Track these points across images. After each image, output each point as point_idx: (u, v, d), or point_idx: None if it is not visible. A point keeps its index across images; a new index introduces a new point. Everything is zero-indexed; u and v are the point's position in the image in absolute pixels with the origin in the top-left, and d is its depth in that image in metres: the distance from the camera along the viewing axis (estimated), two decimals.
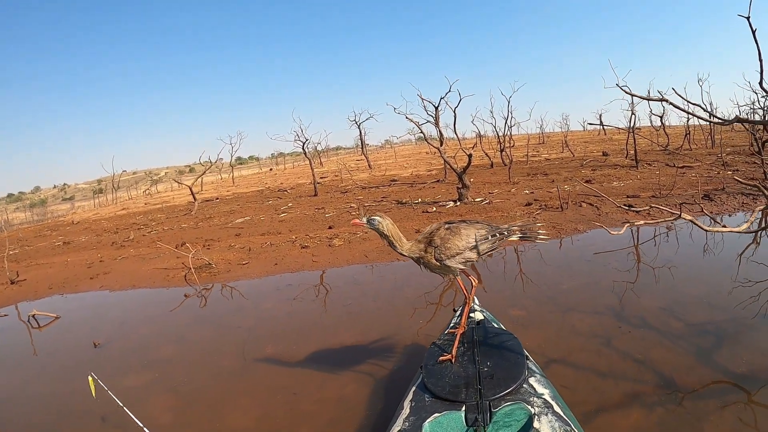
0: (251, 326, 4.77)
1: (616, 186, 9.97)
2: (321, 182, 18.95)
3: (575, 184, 10.51)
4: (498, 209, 8.84)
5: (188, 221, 12.77)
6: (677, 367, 3.13)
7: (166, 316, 5.62)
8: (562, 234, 6.95)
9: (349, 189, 15.13)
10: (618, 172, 12.17)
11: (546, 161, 17.14)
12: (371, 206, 10.83)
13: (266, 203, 14.36)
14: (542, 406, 2.07)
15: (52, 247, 12.17)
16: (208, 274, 7.02)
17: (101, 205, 27.68)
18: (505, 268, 5.78)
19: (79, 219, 19.07)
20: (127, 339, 5.08)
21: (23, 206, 42.28)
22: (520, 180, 12.46)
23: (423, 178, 16.00)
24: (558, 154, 19.56)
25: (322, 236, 8.22)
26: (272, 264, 7.01)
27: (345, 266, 6.53)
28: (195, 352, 4.39)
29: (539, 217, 7.89)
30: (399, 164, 24.10)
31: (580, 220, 7.53)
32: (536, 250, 6.36)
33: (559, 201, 8.42)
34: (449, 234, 2.61)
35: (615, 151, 17.65)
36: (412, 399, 2.27)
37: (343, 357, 3.81)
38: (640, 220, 5.55)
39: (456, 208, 9.47)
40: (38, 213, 31.39)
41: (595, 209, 8.16)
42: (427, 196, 11.39)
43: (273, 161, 53.98)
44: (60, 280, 8.30)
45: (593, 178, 11.35)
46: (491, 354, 2.52)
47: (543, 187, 10.95)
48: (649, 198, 8.51)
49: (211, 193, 22.02)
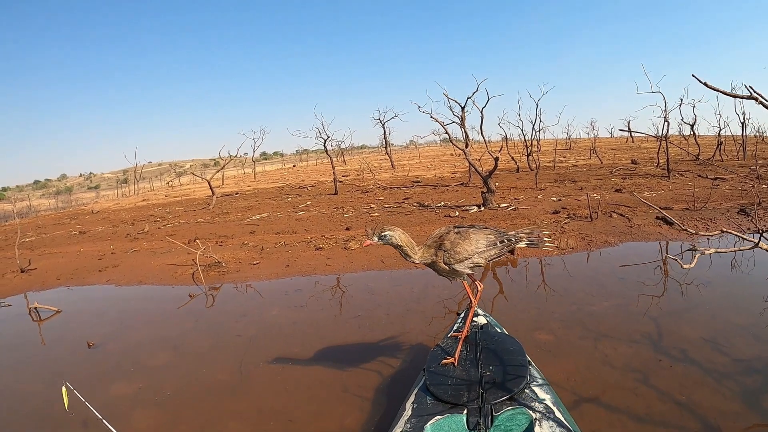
0: (253, 336, 4.36)
1: (648, 196, 9.26)
2: (342, 181, 18.59)
3: (605, 193, 9.83)
4: (524, 216, 8.28)
5: (205, 216, 12.55)
6: (724, 412, 2.63)
7: (167, 317, 5.28)
8: (592, 247, 6.36)
9: (371, 189, 14.70)
10: (649, 181, 11.39)
11: (573, 167, 16.37)
12: (392, 208, 10.37)
13: (285, 200, 14.05)
14: (543, 411, 2.07)
15: (69, 236, 12.10)
16: (216, 273, 6.67)
17: (124, 195, 27.95)
18: (529, 283, 5.22)
19: (99, 208, 19.16)
20: (123, 341, 4.76)
21: (48, 193, 43.23)
22: (547, 186, 11.81)
23: (446, 180, 15.46)
24: (585, 161, 18.74)
25: (339, 238, 7.80)
26: (284, 266, 6.61)
27: (359, 272, 6.08)
28: (189, 362, 4.01)
29: (567, 226, 7.31)
30: (423, 165, 23.56)
31: (611, 232, 6.92)
32: (564, 263, 5.79)
33: (588, 210, 7.81)
34: (459, 238, 2.63)
35: (644, 159, 16.78)
36: (414, 401, 2.28)
37: (348, 379, 3.36)
38: (710, 248, 4.93)
39: (480, 213, 8.94)
40: (63, 200, 31.92)
41: (626, 221, 7.52)
42: (450, 200, 10.87)
43: (297, 158, 53.94)
44: (69, 271, 8.12)
45: (623, 187, 10.62)
46: (494, 358, 2.51)
47: (571, 194, 10.29)
48: (683, 210, 7.84)
49: (231, 187, 21.90)
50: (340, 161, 35.07)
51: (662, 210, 8.05)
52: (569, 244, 6.50)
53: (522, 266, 5.82)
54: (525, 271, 5.63)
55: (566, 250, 6.29)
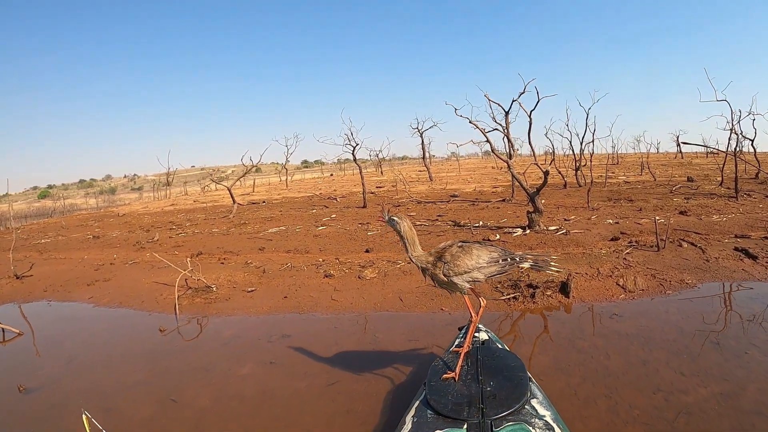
0: (204, 408, 3.16)
1: (718, 221, 7.54)
2: (375, 192, 17.47)
3: (668, 215, 8.15)
4: (578, 243, 6.79)
5: (222, 225, 11.67)
6: None
7: (123, 360, 4.22)
8: (666, 289, 4.85)
9: (403, 202, 13.46)
10: (716, 202, 9.53)
11: (626, 184, 14.53)
12: (423, 227, 9.08)
13: (309, 212, 13.02)
14: (543, 428, 2.03)
15: (82, 240, 11.54)
16: (203, 300, 5.61)
17: (156, 199, 27.94)
18: (592, 349, 3.68)
19: (127, 211, 18.86)
20: (60, 388, 3.79)
21: (90, 193, 44.50)
22: (600, 206, 10.15)
23: (487, 195, 14.00)
24: (636, 177, 16.77)
25: (355, 262, 6.59)
26: (281, 296, 5.45)
27: (370, 312, 4.82)
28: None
29: (630, 258, 5.80)
30: (462, 178, 22.10)
31: (684, 268, 5.36)
32: (635, 315, 4.27)
33: (656, 238, 6.25)
34: (461, 252, 2.64)
35: (699, 176, 14.73)
36: (414, 415, 2.24)
37: None
38: None
39: (525, 237, 7.51)
40: (105, 200, 32.46)
41: (699, 252, 5.92)
42: (490, 218, 9.46)
43: (338, 166, 53.41)
44: (61, 282, 7.40)
45: (688, 208, 8.87)
46: (494, 374, 2.46)
47: (629, 216, 8.64)
48: (762, 239, 6.18)
49: (261, 195, 21.24)
50: (377, 172, 34.09)
51: (738, 238, 6.51)
52: (638, 284, 5.01)
53: (579, 315, 4.35)
54: (583, 324, 4.14)
55: (635, 293, 4.82)
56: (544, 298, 4.75)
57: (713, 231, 6.90)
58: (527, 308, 4.61)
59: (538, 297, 4.74)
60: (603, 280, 5.07)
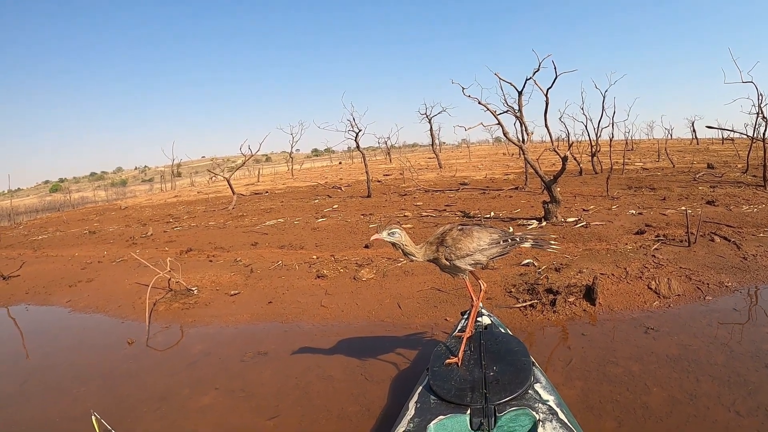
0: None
1: (749, 212, 6.75)
2: (382, 181, 16.82)
3: (697, 207, 7.34)
4: (600, 237, 6.09)
5: (219, 218, 11.16)
6: None
7: (76, 383, 3.67)
8: (705, 293, 4.16)
9: (410, 191, 12.79)
10: (743, 191, 8.66)
11: (644, 171, 13.64)
12: (429, 218, 8.43)
13: (311, 202, 12.44)
14: (547, 412, 1.99)
15: (78, 235, 11.15)
16: (181, 305, 5.08)
17: (163, 191, 27.62)
18: (627, 376, 3.00)
19: (128, 205, 18.49)
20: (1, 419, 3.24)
21: (101, 185, 44.58)
22: (620, 194, 9.37)
23: (498, 183, 13.26)
24: (653, 164, 15.81)
25: (352, 260, 6.00)
26: (266, 302, 4.89)
27: (362, 322, 4.22)
28: None
29: (659, 255, 5.10)
30: (472, 165, 21.28)
31: (720, 267, 4.64)
32: (672, 328, 3.59)
33: (686, 231, 5.52)
34: (461, 235, 2.60)
35: (718, 163, 13.76)
36: (417, 400, 2.21)
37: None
38: None
39: (541, 230, 6.84)
40: (116, 192, 32.31)
41: (734, 248, 5.18)
42: (503, 209, 8.77)
43: (347, 154, 52.64)
44: (44, 283, 7.00)
45: (715, 198, 8.04)
46: (497, 359, 2.43)
47: (653, 206, 7.85)
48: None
49: (266, 185, 20.73)
50: (386, 159, 33.32)
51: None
52: (672, 288, 4.31)
53: (609, 330, 3.67)
54: (614, 342, 3.46)
55: (670, 299, 4.14)
56: (567, 305, 4.07)
57: (745, 223, 6.14)
58: (546, 319, 3.93)
59: (559, 305, 4.06)
60: (632, 282, 4.39)
